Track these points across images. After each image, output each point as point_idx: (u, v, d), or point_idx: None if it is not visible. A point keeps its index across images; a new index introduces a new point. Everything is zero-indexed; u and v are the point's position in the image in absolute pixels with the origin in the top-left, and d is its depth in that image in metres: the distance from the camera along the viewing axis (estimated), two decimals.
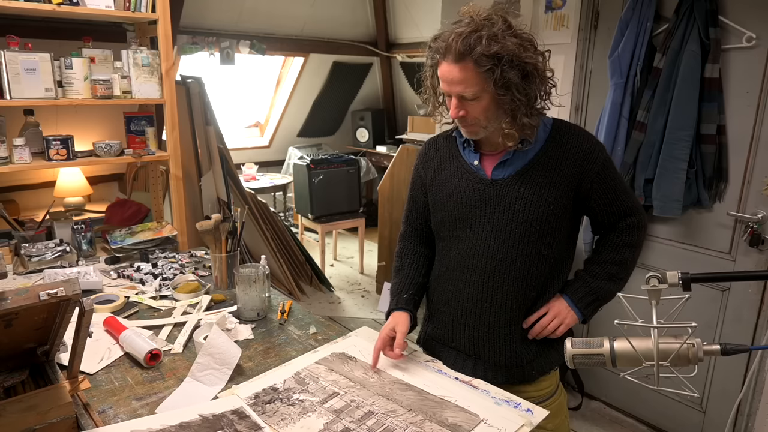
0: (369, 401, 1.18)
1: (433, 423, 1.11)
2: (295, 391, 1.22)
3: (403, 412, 1.14)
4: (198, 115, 3.56)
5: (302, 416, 1.13)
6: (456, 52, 1.17)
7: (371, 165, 5.67)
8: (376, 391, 1.22)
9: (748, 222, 2.08)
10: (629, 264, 1.38)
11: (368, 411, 1.15)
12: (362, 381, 1.26)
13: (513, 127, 1.24)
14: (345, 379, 1.27)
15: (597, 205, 1.34)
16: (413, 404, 1.17)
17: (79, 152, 2.21)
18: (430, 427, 1.10)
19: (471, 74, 1.18)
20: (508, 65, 1.16)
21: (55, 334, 1.12)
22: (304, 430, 1.10)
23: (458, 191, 1.36)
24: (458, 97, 1.23)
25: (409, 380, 1.27)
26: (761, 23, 1.98)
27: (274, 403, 1.18)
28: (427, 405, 1.17)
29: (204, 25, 4.36)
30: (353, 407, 1.16)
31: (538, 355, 1.38)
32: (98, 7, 2.10)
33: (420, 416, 1.13)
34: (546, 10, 2.56)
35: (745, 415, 2.17)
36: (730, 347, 0.87)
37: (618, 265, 1.37)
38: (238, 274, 1.59)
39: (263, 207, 3.98)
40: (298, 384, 1.25)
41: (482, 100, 1.22)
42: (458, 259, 1.37)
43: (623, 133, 2.29)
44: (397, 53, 5.45)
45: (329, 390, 1.23)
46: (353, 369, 1.31)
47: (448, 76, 1.22)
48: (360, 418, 1.12)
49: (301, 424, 1.11)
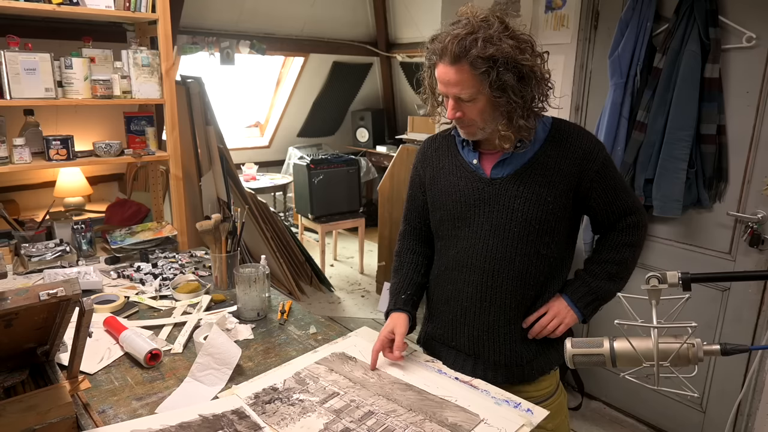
0: (369, 401, 1.18)
1: (433, 423, 1.11)
2: (295, 391, 1.22)
3: (403, 412, 1.14)
4: (198, 115, 3.56)
5: (302, 416, 1.13)
6: (452, 54, 1.18)
7: (371, 165, 5.67)
8: (376, 391, 1.22)
9: (748, 222, 2.08)
10: (629, 263, 1.38)
11: (368, 411, 1.15)
12: (362, 381, 1.26)
13: (509, 129, 1.24)
14: (345, 379, 1.27)
15: (597, 204, 1.34)
16: (413, 404, 1.17)
17: (79, 152, 2.21)
18: (430, 427, 1.10)
19: (467, 76, 1.18)
20: (504, 68, 1.16)
21: (55, 334, 1.12)
22: (304, 430, 1.10)
23: (457, 190, 1.36)
24: (455, 98, 1.23)
25: (409, 380, 1.27)
26: (761, 23, 1.98)
27: (274, 403, 1.18)
28: (427, 405, 1.17)
29: (204, 25, 4.36)
30: (353, 407, 1.16)
31: (538, 355, 1.38)
32: (98, 7, 2.10)
33: (420, 416, 1.13)
34: (546, 10, 2.55)
35: (745, 415, 2.17)
36: (730, 347, 0.87)
37: (618, 264, 1.37)
38: (238, 274, 1.59)
39: (263, 207, 3.98)
40: (298, 384, 1.25)
41: (478, 101, 1.22)
42: (457, 258, 1.37)
43: (623, 133, 2.29)
44: (397, 53, 5.45)
45: (329, 390, 1.23)
46: (353, 369, 1.31)
47: (444, 78, 1.22)
48: (360, 418, 1.12)
49: (301, 424, 1.11)
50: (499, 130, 1.25)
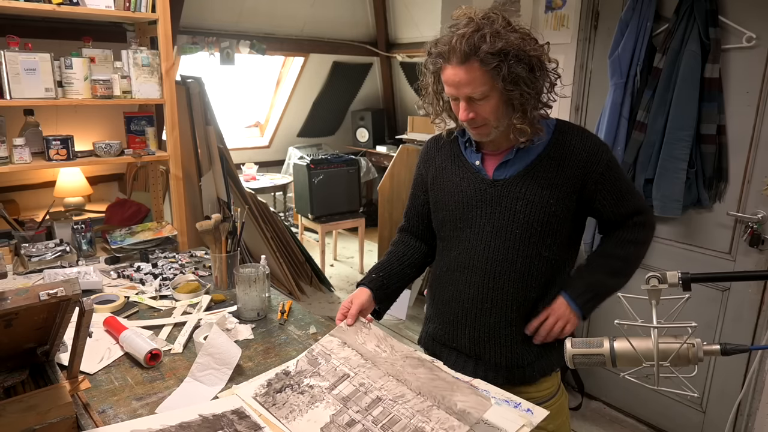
0: (378, 384, 1.17)
1: (441, 410, 1.09)
2: (306, 374, 1.22)
3: (411, 397, 1.13)
4: (198, 115, 3.56)
5: (311, 407, 1.14)
6: (461, 54, 1.17)
7: (371, 165, 5.67)
8: (386, 370, 1.20)
9: (748, 222, 2.08)
10: (633, 260, 1.36)
11: (376, 398, 1.14)
12: (374, 357, 1.24)
13: (524, 122, 1.23)
14: (357, 355, 1.25)
15: (602, 206, 1.33)
16: (423, 386, 1.15)
17: (79, 152, 2.21)
18: (437, 415, 1.08)
19: (478, 74, 1.18)
20: (515, 60, 1.16)
21: (55, 334, 1.12)
22: (311, 423, 1.10)
23: (459, 191, 1.36)
24: (466, 99, 1.22)
25: (421, 354, 1.25)
26: (761, 23, 1.98)
27: (284, 392, 1.18)
28: (438, 387, 1.14)
29: (204, 25, 4.36)
30: (361, 393, 1.15)
31: (539, 357, 1.37)
32: (98, 7, 2.10)
33: (428, 402, 1.11)
34: (546, 10, 2.55)
35: (745, 415, 2.17)
36: (730, 347, 0.87)
37: (621, 260, 1.35)
38: (238, 274, 1.59)
39: (263, 207, 3.98)
40: (310, 365, 1.24)
41: (491, 99, 1.21)
42: (458, 259, 1.37)
43: (623, 133, 2.29)
44: (397, 53, 5.45)
45: (340, 371, 1.22)
46: (366, 341, 1.29)
47: (454, 80, 1.20)
48: (367, 407, 1.12)
49: (308, 416, 1.11)
50: (514, 124, 1.24)
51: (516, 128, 1.24)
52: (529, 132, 1.25)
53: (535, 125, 1.25)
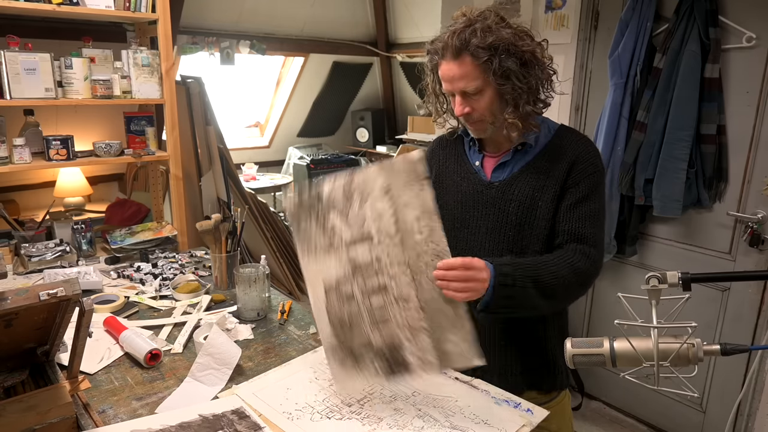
0: (393, 270, 1.09)
1: (429, 338, 1.08)
2: (335, 206, 1.13)
3: (412, 307, 1.08)
4: (198, 115, 3.55)
5: (326, 255, 1.14)
6: (453, 48, 1.19)
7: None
8: (409, 257, 1.09)
9: (748, 222, 2.08)
10: (560, 288, 1.18)
11: (383, 285, 1.09)
12: (407, 232, 1.09)
13: (516, 116, 1.23)
14: (392, 217, 1.10)
15: (565, 208, 1.25)
16: (429, 303, 1.07)
17: (79, 152, 2.21)
18: (422, 342, 1.07)
19: (470, 68, 1.20)
20: (506, 54, 1.17)
21: (55, 334, 1.12)
22: (318, 276, 1.14)
23: (459, 191, 1.36)
24: (461, 93, 1.24)
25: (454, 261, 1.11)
26: (761, 23, 1.98)
27: (311, 217, 1.16)
28: (440, 313, 1.08)
29: (204, 25, 4.35)
30: (373, 270, 1.10)
31: (527, 367, 1.35)
32: (98, 7, 2.10)
33: (423, 323, 1.08)
34: (546, 10, 2.55)
35: (745, 415, 2.17)
36: (730, 347, 0.87)
37: (552, 276, 1.17)
38: (238, 274, 1.59)
39: (263, 207, 3.98)
40: (344, 197, 1.13)
41: (485, 93, 1.22)
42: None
43: (623, 133, 2.30)
44: (397, 53, 5.45)
45: (366, 229, 1.10)
46: (410, 203, 1.09)
47: (448, 74, 1.23)
48: (371, 291, 1.10)
49: (319, 267, 1.14)
50: (506, 118, 1.24)
51: (508, 123, 1.25)
52: (520, 126, 1.25)
53: (527, 120, 1.25)
